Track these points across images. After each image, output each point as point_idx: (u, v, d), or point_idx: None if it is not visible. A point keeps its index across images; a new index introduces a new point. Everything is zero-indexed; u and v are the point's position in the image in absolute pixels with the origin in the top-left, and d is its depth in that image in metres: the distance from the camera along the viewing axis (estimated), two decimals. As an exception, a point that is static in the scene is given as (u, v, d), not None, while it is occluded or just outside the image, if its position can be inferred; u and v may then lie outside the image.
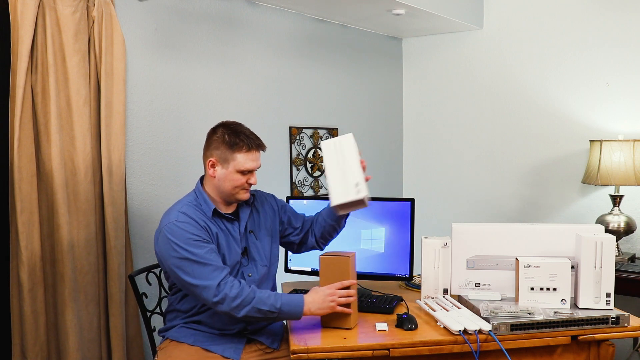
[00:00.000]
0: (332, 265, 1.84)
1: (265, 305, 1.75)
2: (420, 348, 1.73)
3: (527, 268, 1.88)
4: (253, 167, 1.89)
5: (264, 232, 2.02)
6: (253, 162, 1.88)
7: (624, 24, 3.07)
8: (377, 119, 3.78)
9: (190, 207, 1.88)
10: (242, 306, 1.74)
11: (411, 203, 2.25)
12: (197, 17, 2.68)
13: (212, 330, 1.91)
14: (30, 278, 2.06)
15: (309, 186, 3.32)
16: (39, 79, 2.08)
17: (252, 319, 1.78)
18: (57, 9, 2.10)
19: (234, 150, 1.86)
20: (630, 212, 2.98)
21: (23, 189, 2.04)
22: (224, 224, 1.92)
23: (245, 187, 1.90)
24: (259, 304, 1.75)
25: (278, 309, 1.76)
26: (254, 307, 1.75)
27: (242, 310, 1.74)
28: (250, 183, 1.90)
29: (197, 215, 1.86)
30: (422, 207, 3.62)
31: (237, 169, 1.86)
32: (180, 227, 1.80)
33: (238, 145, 1.86)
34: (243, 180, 1.88)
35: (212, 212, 1.89)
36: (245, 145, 1.87)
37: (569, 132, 3.27)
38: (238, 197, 1.91)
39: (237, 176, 1.87)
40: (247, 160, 1.87)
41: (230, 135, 1.87)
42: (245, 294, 1.75)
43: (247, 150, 1.87)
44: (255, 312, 1.75)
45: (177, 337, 1.92)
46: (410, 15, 3.21)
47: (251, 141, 1.88)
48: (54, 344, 2.16)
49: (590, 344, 1.83)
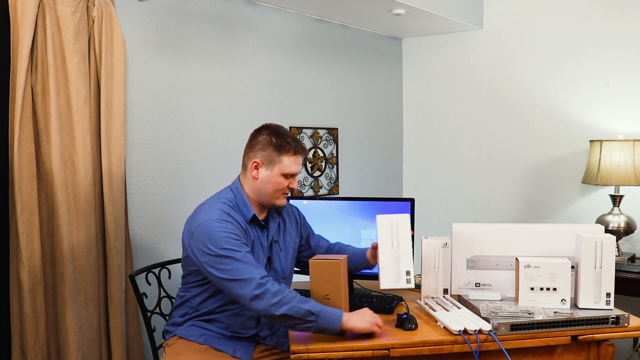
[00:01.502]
0: (323, 269, 1.80)
1: (306, 306, 1.68)
2: (420, 348, 1.73)
3: (527, 268, 1.88)
4: (297, 171, 1.89)
5: (288, 243, 2.02)
6: (297, 166, 1.89)
7: (624, 24, 3.07)
8: (377, 119, 3.78)
9: (231, 208, 1.85)
10: (283, 303, 1.67)
11: (411, 203, 2.25)
12: (197, 17, 2.68)
13: (223, 332, 1.89)
14: (30, 278, 2.06)
15: (309, 186, 3.32)
16: (39, 79, 2.08)
17: (288, 319, 1.69)
18: (57, 9, 2.10)
19: (281, 152, 1.85)
20: (630, 212, 2.98)
21: (23, 189, 2.04)
22: (256, 231, 1.91)
23: (285, 191, 1.90)
24: (300, 304, 1.68)
25: (318, 311, 1.68)
26: (294, 306, 1.66)
27: (282, 308, 1.66)
28: (291, 187, 1.90)
29: (238, 217, 1.84)
30: (422, 207, 3.62)
31: (282, 172, 1.86)
32: (224, 226, 1.76)
33: (285, 148, 1.86)
34: (285, 184, 1.88)
35: (251, 217, 1.88)
36: (292, 148, 1.87)
37: (569, 132, 3.27)
38: (277, 202, 1.90)
39: (280, 179, 1.87)
40: (293, 163, 1.87)
41: (278, 138, 1.86)
42: (286, 292, 1.70)
43: (294, 154, 1.87)
44: (295, 312, 1.67)
45: (187, 335, 1.90)
46: (410, 15, 3.21)
47: (297, 145, 1.89)
48: (54, 344, 2.16)
49: (590, 344, 1.83)
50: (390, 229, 1.87)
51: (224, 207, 1.83)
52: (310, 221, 2.20)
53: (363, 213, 2.27)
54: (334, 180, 3.48)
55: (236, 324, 1.89)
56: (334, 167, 3.47)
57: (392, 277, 1.83)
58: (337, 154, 3.48)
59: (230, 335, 1.89)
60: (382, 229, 1.87)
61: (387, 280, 1.84)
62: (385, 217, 1.89)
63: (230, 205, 1.85)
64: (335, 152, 3.47)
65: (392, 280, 1.83)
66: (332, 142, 3.45)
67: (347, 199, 2.33)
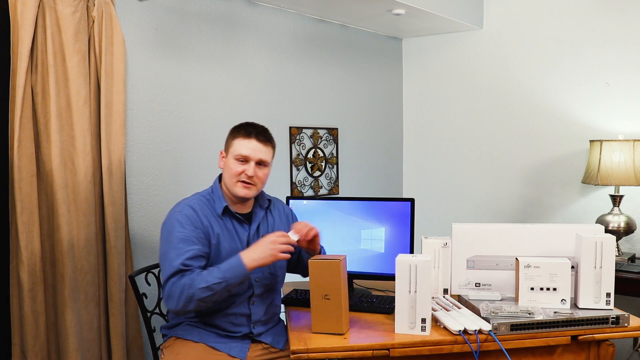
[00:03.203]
0: (322, 268, 1.79)
1: (211, 278, 1.71)
2: (420, 348, 1.72)
3: (527, 268, 1.88)
4: (248, 154, 1.86)
5: None
6: (249, 149, 1.87)
7: (624, 24, 3.07)
8: (377, 119, 3.78)
9: (201, 201, 1.89)
10: (191, 293, 1.70)
11: (411, 203, 2.24)
12: (197, 17, 2.68)
13: (217, 331, 1.90)
14: (30, 278, 2.06)
15: (309, 186, 3.32)
16: (39, 79, 2.08)
17: (209, 299, 1.72)
18: (57, 9, 2.10)
19: (233, 137, 1.91)
20: (630, 212, 2.98)
21: (23, 189, 2.04)
22: (232, 224, 1.92)
23: (242, 178, 1.87)
24: (204, 283, 1.71)
25: (222, 275, 1.72)
26: (199, 289, 1.70)
27: (192, 301, 1.71)
28: (248, 174, 1.86)
29: (205, 211, 1.87)
30: (422, 207, 3.62)
31: (234, 155, 1.88)
32: (180, 220, 1.82)
33: (237, 132, 1.91)
34: (239, 170, 1.86)
35: (223, 209, 1.89)
36: (244, 131, 1.89)
37: (569, 132, 3.27)
38: (236, 190, 1.88)
39: (234, 164, 1.87)
40: (242, 146, 1.87)
41: (237, 126, 1.93)
42: (195, 279, 1.72)
43: (244, 137, 1.88)
44: (204, 291, 1.70)
45: (183, 334, 1.91)
46: (410, 15, 3.21)
47: (252, 129, 1.90)
48: (54, 344, 2.16)
49: (590, 344, 1.83)
50: (409, 272, 1.76)
51: (192, 202, 1.88)
52: (311, 221, 2.20)
53: (363, 213, 2.27)
54: (334, 180, 3.48)
55: (227, 324, 1.90)
56: (334, 167, 3.47)
57: (406, 324, 1.77)
58: (337, 154, 3.48)
59: (224, 335, 1.90)
60: (400, 272, 1.77)
61: (401, 326, 1.78)
62: (406, 259, 1.77)
63: (204, 199, 1.91)
64: (335, 152, 3.47)
65: (406, 327, 1.77)
66: (332, 142, 3.45)
67: (347, 199, 2.33)
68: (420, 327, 1.76)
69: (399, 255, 1.79)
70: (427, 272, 1.75)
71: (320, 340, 1.74)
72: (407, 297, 1.76)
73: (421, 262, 1.75)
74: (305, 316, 1.95)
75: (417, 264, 1.75)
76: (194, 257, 1.78)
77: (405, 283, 1.76)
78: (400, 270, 1.76)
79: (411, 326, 1.77)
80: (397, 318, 1.78)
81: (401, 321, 1.78)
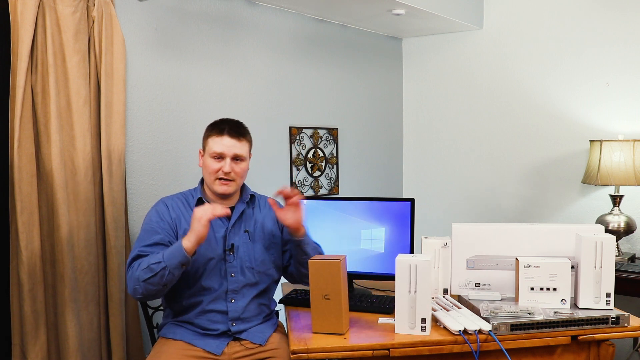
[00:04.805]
0: (322, 269, 1.79)
1: (153, 260, 1.75)
2: (420, 348, 1.73)
3: (527, 268, 1.88)
4: (222, 150, 1.90)
5: (260, 235, 2.01)
6: (223, 146, 1.90)
7: (624, 24, 3.07)
8: (377, 119, 3.78)
9: (178, 197, 1.99)
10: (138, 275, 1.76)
11: (411, 203, 2.25)
12: (197, 17, 2.68)
13: (196, 329, 1.93)
14: (30, 278, 2.06)
15: (309, 186, 3.32)
16: (39, 79, 2.08)
17: (152, 281, 1.74)
18: (57, 9, 2.10)
19: (208, 136, 1.95)
20: (630, 212, 2.98)
21: (23, 189, 2.04)
22: None
23: (219, 176, 1.91)
24: (143, 264, 1.76)
25: (161, 256, 1.74)
26: (141, 270, 1.75)
27: (139, 287, 1.76)
28: (224, 171, 1.89)
29: (176, 205, 1.96)
30: (422, 207, 3.62)
31: (209, 153, 1.92)
32: (150, 215, 1.94)
33: (212, 130, 1.94)
34: (216, 167, 1.91)
35: (197, 200, 1.95)
36: (217, 128, 1.93)
37: (569, 132, 3.27)
38: (214, 187, 1.94)
39: (210, 162, 1.92)
40: (216, 143, 1.90)
41: (211, 123, 1.97)
42: (141, 265, 1.78)
43: (217, 134, 1.92)
44: (145, 272, 1.74)
45: (166, 334, 1.96)
46: (410, 15, 3.21)
47: (224, 125, 1.93)
48: (54, 344, 2.16)
49: (590, 344, 1.83)
50: (409, 273, 1.76)
51: (168, 198, 2.00)
52: (311, 221, 2.20)
53: (363, 213, 2.27)
54: (334, 180, 3.48)
55: (206, 322, 1.91)
56: (334, 167, 3.47)
57: (405, 325, 1.77)
58: (337, 154, 3.48)
59: (203, 333, 1.92)
60: (400, 272, 1.77)
61: (401, 326, 1.78)
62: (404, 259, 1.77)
63: (182, 196, 2.01)
64: (335, 152, 3.47)
65: (405, 327, 1.78)
66: (332, 142, 3.45)
67: (347, 199, 2.33)
68: (420, 327, 1.76)
69: (399, 255, 1.79)
70: (427, 272, 1.75)
71: (320, 340, 1.74)
72: (407, 297, 1.76)
73: (421, 262, 1.75)
74: (305, 316, 1.95)
75: (417, 264, 1.75)
76: (153, 245, 1.85)
77: (405, 283, 1.77)
78: (400, 270, 1.77)
79: (411, 326, 1.77)
80: (399, 317, 1.78)
81: (401, 321, 1.78)
